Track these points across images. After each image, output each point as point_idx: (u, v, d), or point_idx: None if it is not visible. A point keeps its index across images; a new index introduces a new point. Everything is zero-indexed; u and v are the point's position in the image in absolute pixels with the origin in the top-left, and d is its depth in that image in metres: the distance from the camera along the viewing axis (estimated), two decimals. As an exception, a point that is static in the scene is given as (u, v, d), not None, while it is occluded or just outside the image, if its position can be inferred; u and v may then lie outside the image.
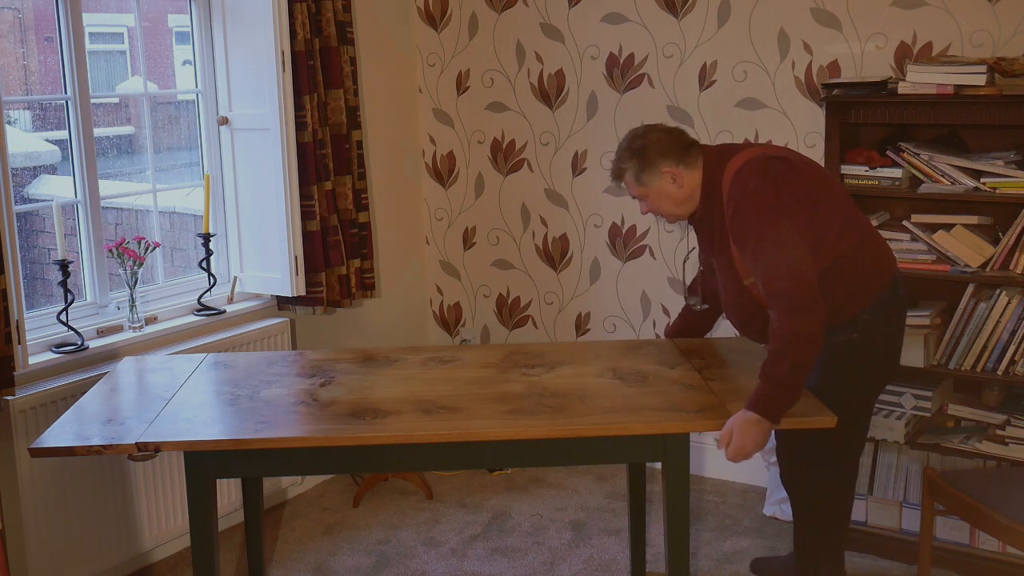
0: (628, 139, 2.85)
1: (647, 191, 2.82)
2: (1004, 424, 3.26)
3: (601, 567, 3.52)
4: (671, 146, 2.78)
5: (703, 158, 2.80)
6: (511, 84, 4.42)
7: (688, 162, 2.79)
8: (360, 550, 3.67)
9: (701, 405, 2.61)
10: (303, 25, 3.71)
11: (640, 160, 2.79)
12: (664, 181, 2.78)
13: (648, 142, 2.79)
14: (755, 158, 2.72)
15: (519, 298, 4.60)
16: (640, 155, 2.79)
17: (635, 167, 2.80)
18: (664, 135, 2.81)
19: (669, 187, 2.79)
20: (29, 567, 3.09)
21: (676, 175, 2.78)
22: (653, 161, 2.77)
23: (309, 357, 3.13)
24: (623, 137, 2.89)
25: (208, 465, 2.56)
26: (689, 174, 2.79)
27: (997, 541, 3.25)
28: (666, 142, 2.79)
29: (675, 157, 2.77)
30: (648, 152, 2.78)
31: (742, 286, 2.78)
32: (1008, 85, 3.05)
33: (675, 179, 2.78)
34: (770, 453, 3.84)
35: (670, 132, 2.83)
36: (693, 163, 2.79)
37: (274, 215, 3.78)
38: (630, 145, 2.82)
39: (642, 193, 2.84)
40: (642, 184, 2.81)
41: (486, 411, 2.60)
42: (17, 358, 2.99)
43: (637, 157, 2.79)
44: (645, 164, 2.78)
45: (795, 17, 3.77)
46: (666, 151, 2.77)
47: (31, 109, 3.65)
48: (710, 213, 2.81)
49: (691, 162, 2.79)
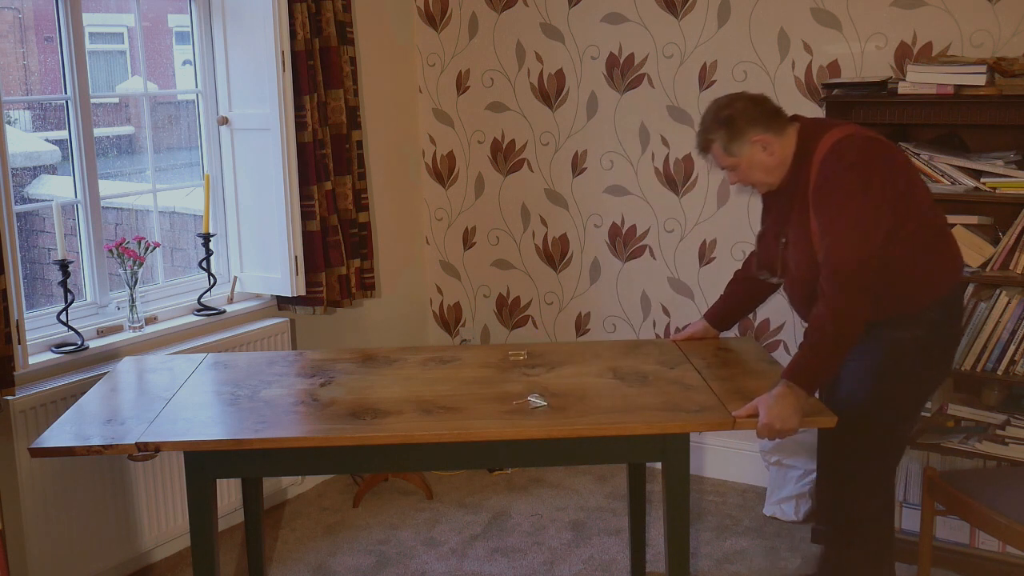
0: (713, 109, 2.77)
1: (737, 161, 2.74)
2: (1004, 424, 3.26)
3: (601, 567, 3.52)
4: (758, 114, 2.72)
5: (798, 126, 2.75)
6: (511, 84, 4.42)
7: (776, 128, 2.72)
8: (360, 550, 3.67)
9: (701, 405, 2.61)
10: (303, 25, 3.71)
11: (729, 130, 2.71)
12: (755, 150, 2.71)
13: (735, 111, 2.72)
14: (854, 135, 2.67)
15: (519, 298, 4.60)
16: (728, 124, 2.71)
17: (724, 137, 2.72)
18: (750, 103, 2.74)
19: (760, 155, 2.72)
20: (29, 567, 3.09)
21: (766, 142, 2.71)
22: (742, 130, 2.70)
23: (309, 357, 3.13)
24: (707, 108, 2.81)
25: (208, 465, 2.56)
26: (779, 141, 2.72)
27: (997, 541, 3.25)
28: (753, 110, 2.72)
29: (763, 124, 2.71)
30: (736, 121, 2.71)
31: (814, 263, 2.70)
32: (1008, 85, 3.05)
33: (765, 147, 2.71)
34: (771, 453, 3.85)
35: (755, 99, 2.76)
36: (781, 129, 2.73)
37: (274, 215, 3.78)
38: (716, 115, 2.74)
39: (732, 163, 2.76)
40: (731, 154, 2.73)
41: (486, 411, 2.60)
42: (17, 358, 2.99)
43: (725, 127, 2.71)
44: (734, 134, 2.71)
45: (795, 17, 3.77)
46: (754, 119, 2.71)
47: (31, 109, 3.65)
48: (796, 183, 2.74)
49: (779, 128, 2.73)
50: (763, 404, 2.53)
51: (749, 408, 2.54)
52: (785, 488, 3.83)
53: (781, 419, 2.51)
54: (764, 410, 2.52)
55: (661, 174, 4.15)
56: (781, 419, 2.51)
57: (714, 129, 2.74)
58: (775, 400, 2.53)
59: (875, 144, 2.68)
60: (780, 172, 2.76)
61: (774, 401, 2.52)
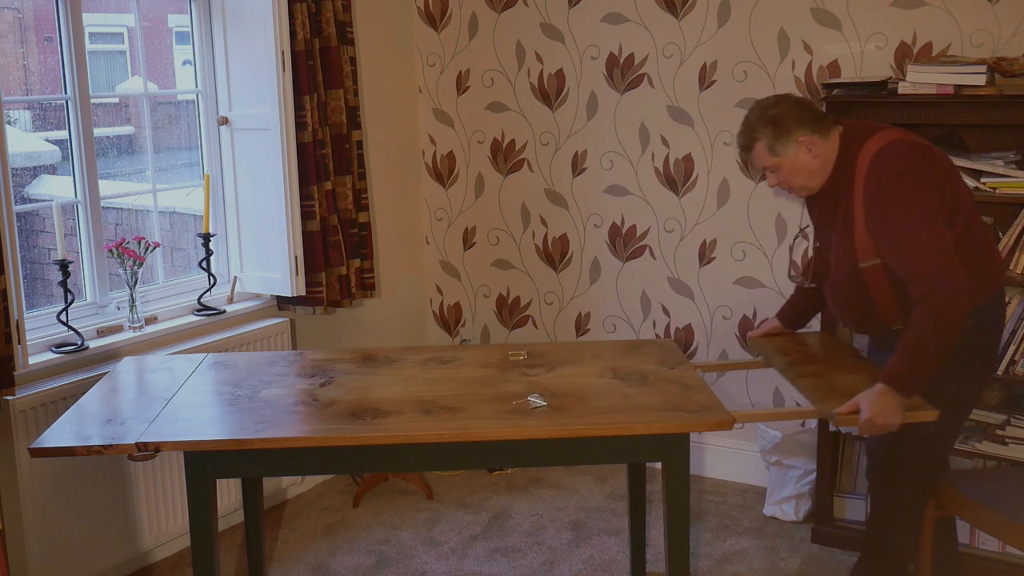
0: (760, 108, 2.75)
1: (781, 161, 2.73)
2: (1004, 424, 3.26)
3: (601, 567, 3.52)
4: (805, 115, 2.71)
5: (840, 131, 2.74)
6: (511, 84, 4.42)
7: (822, 132, 2.71)
8: (360, 550, 3.67)
9: (701, 405, 2.61)
10: (303, 25, 3.71)
11: (776, 128, 2.69)
12: (800, 151, 2.70)
13: (783, 111, 2.71)
14: (898, 141, 2.66)
15: (519, 298, 4.60)
16: (776, 123, 2.69)
17: (770, 136, 2.70)
18: (796, 104, 2.73)
19: (804, 157, 2.71)
20: (29, 567, 3.09)
21: (812, 144, 2.70)
22: (789, 130, 2.68)
23: (309, 357, 3.13)
24: (751, 108, 2.79)
25: (208, 465, 2.56)
26: (824, 144, 2.71)
27: (997, 541, 3.24)
28: (800, 111, 2.71)
29: (810, 126, 2.69)
30: (784, 120, 2.69)
31: (856, 268, 2.70)
32: (1008, 85, 3.05)
33: (810, 149, 2.70)
34: (771, 453, 3.85)
35: (801, 101, 2.76)
36: (826, 133, 2.72)
37: (274, 215, 3.78)
38: (763, 114, 2.72)
39: (775, 164, 2.74)
40: (776, 154, 2.72)
41: (486, 411, 2.60)
42: (17, 358, 2.99)
43: (772, 125, 2.69)
44: (781, 133, 2.69)
45: (795, 17, 3.77)
46: (801, 119, 2.69)
47: (31, 109, 3.65)
48: (838, 189, 2.73)
49: (825, 132, 2.71)
50: (864, 401, 2.51)
51: (850, 405, 2.52)
52: (785, 488, 3.83)
53: (883, 415, 2.49)
54: (866, 407, 2.50)
55: (661, 174, 4.15)
56: (883, 415, 2.49)
57: (760, 127, 2.71)
58: (876, 397, 2.50)
59: (921, 150, 2.66)
60: (822, 177, 2.75)
61: (876, 398, 2.50)
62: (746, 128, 2.76)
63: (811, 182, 2.76)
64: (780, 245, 3.95)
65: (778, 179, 2.78)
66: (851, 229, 2.70)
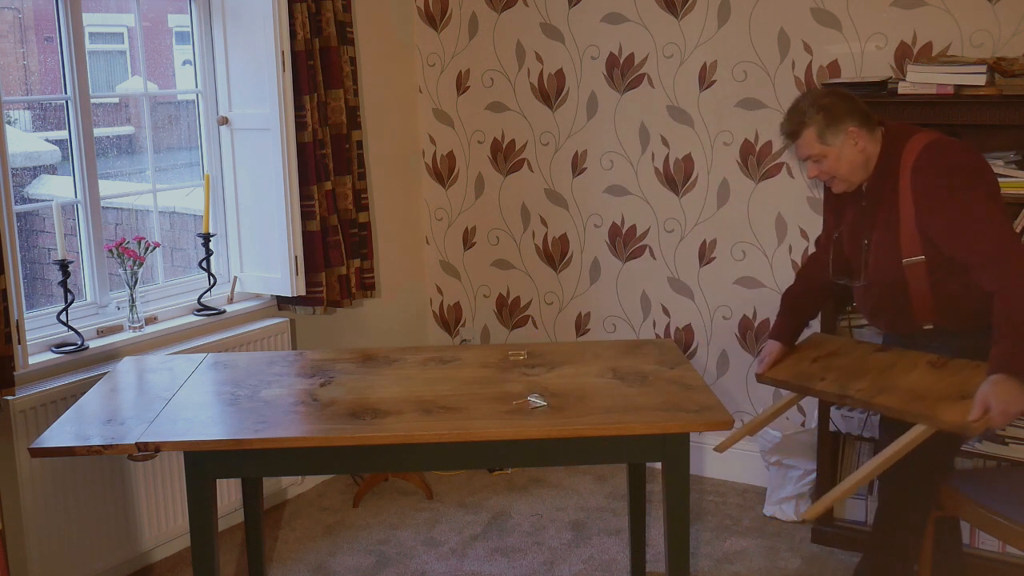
0: (811, 96, 2.75)
1: (828, 151, 2.72)
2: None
3: (601, 567, 3.52)
4: (855, 107, 2.71)
5: (883, 129, 2.75)
6: (511, 84, 4.42)
7: (869, 127, 2.72)
8: (360, 550, 3.67)
9: (701, 405, 2.61)
10: (303, 25, 3.71)
11: (827, 116, 2.69)
12: (848, 142, 2.70)
13: (834, 101, 2.71)
14: (942, 140, 2.67)
15: (519, 298, 4.60)
16: (828, 111, 2.69)
17: (821, 123, 2.69)
18: (846, 97, 2.74)
19: (851, 149, 2.71)
20: (29, 567, 3.09)
21: (859, 137, 2.70)
22: (840, 119, 2.69)
23: (309, 357, 3.13)
24: (800, 97, 2.79)
25: (208, 465, 2.56)
26: (869, 139, 2.72)
27: (997, 541, 3.24)
28: (850, 104, 2.72)
29: (859, 119, 2.71)
30: (836, 110, 2.69)
31: (899, 265, 2.70)
32: (1008, 85, 3.05)
33: (857, 141, 2.70)
34: (771, 453, 3.85)
35: (851, 96, 2.76)
36: (872, 130, 2.73)
37: (274, 215, 3.78)
38: (816, 102, 2.72)
39: (821, 153, 2.73)
40: (825, 143, 2.71)
41: (486, 411, 2.60)
42: (17, 358, 2.99)
43: (824, 113, 2.69)
44: (832, 121, 2.69)
45: (795, 17, 3.77)
46: (852, 111, 2.70)
47: (31, 109, 3.65)
48: (882, 186, 2.73)
49: (871, 128, 2.73)
50: (991, 397, 2.45)
51: (980, 406, 2.46)
52: (785, 488, 3.83)
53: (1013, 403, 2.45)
54: (993, 401, 2.45)
55: (661, 174, 4.15)
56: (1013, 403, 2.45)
57: (812, 114, 2.71)
58: (998, 388, 2.46)
59: (967, 147, 2.69)
60: (863, 173, 2.76)
61: (997, 389, 2.46)
62: (796, 114, 2.75)
63: (853, 176, 2.76)
64: (780, 245, 3.95)
65: (820, 169, 2.77)
66: (896, 226, 2.70)
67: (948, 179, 2.62)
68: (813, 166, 2.78)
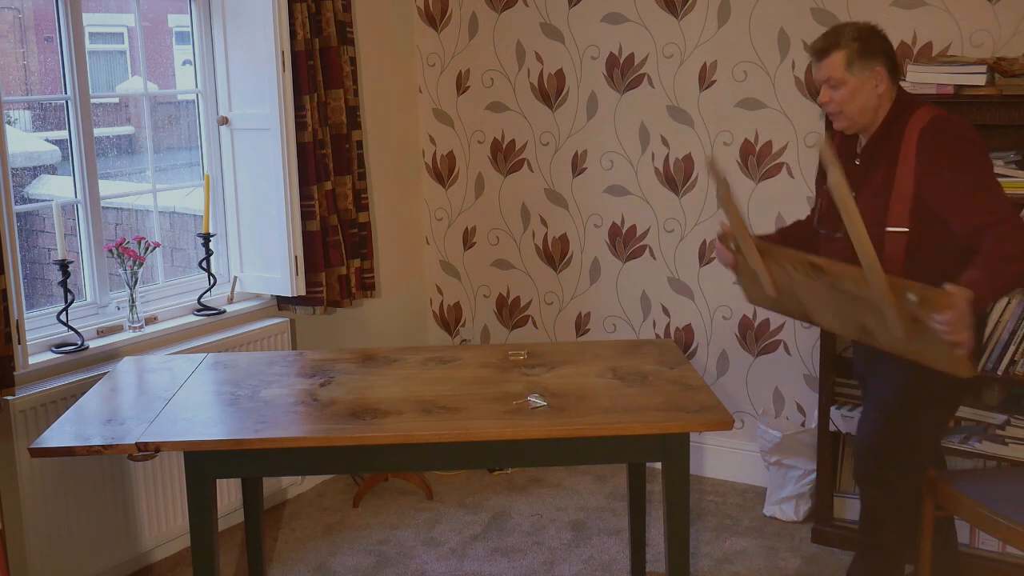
0: (854, 25, 2.72)
1: (849, 79, 2.68)
2: (1004, 424, 3.26)
3: (601, 567, 3.52)
4: (890, 53, 2.71)
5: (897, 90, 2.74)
6: (511, 84, 4.42)
7: (893, 77, 2.72)
8: (360, 550, 3.67)
9: (701, 405, 2.61)
10: (303, 25, 3.71)
11: (863, 46, 2.66)
12: (870, 80, 2.68)
13: (875, 36, 2.70)
14: (950, 115, 2.68)
15: (519, 298, 4.60)
16: (865, 42, 2.67)
17: (855, 50, 2.66)
18: (886, 39, 2.73)
19: (870, 88, 2.69)
20: (29, 567, 3.09)
21: (881, 80, 2.69)
22: (874, 54, 2.67)
23: (309, 357, 3.13)
24: (844, 23, 2.76)
25: (208, 465, 2.56)
26: (889, 88, 2.71)
27: (997, 541, 3.24)
28: (888, 47, 2.71)
29: (890, 64, 2.70)
30: (873, 44, 2.68)
31: (882, 232, 2.67)
32: (1008, 85, 3.05)
33: (878, 84, 2.69)
34: (771, 453, 3.85)
35: (889, 41, 2.74)
36: (895, 82, 2.73)
37: (274, 215, 3.78)
38: (858, 31, 2.69)
39: (842, 79, 2.69)
40: (850, 71, 2.67)
41: (486, 411, 2.60)
42: (17, 358, 2.99)
43: (861, 42, 2.67)
44: (865, 52, 2.66)
45: (795, 17, 3.77)
46: (887, 53, 2.70)
47: (31, 109, 3.65)
48: (880, 148, 2.73)
49: (895, 80, 2.72)
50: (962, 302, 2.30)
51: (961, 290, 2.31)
52: (785, 488, 3.83)
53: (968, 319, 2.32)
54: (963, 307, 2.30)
55: (661, 174, 4.15)
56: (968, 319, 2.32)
57: (850, 39, 2.68)
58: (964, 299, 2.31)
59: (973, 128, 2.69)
60: (868, 118, 2.73)
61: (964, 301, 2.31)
62: (833, 33, 2.72)
63: (860, 117, 2.74)
64: (780, 245, 3.95)
65: (832, 97, 2.74)
66: (888, 192, 2.69)
67: (958, 143, 2.61)
68: (827, 91, 2.75)
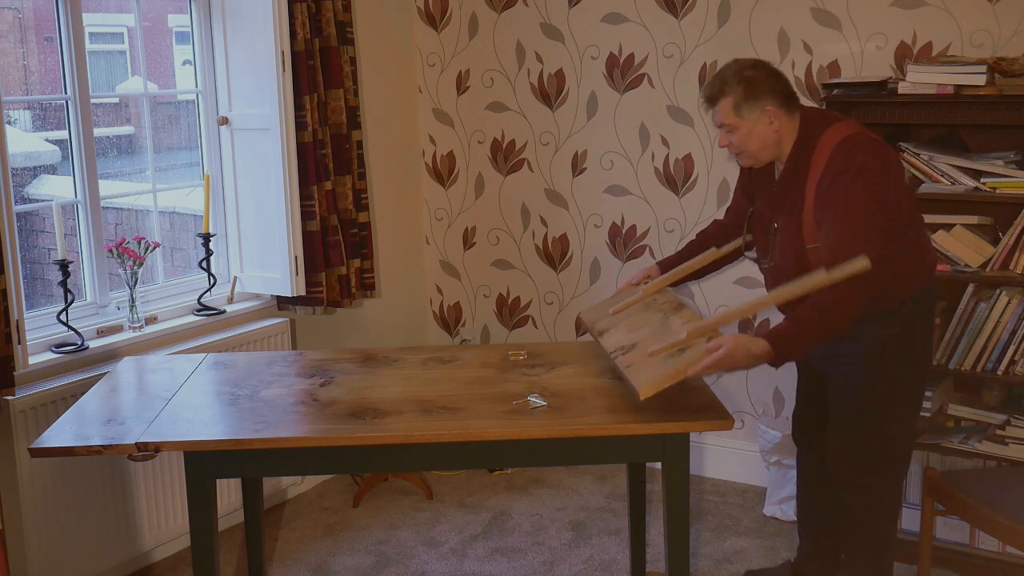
0: (736, 67, 2.73)
1: (741, 124, 2.71)
2: (1004, 424, 3.26)
3: (601, 567, 3.52)
4: (778, 86, 2.71)
5: (801, 114, 2.75)
6: (511, 84, 4.42)
7: (789, 109, 2.72)
8: (360, 550, 3.67)
9: (701, 405, 2.61)
10: (303, 25, 3.71)
11: (748, 89, 2.68)
12: (762, 119, 2.70)
13: (759, 75, 2.70)
14: (859, 135, 2.68)
15: (519, 298, 4.60)
16: (749, 84, 2.68)
17: (740, 95, 2.68)
18: (773, 75, 2.73)
19: (764, 127, 2.71)
20: (29, 567, 3.09)
21: (775, 117, 2.70)
22: (760, 95, 2.68)
23: (309, 357, 3.13)
24: (727, 64, 2.77)
25: (208, 465, 2.56)
26: (787, 121, 2.72)
27: (997, 541, 3.24)
28: (774, 82, 2.71)
29: (780, 99, 2.70)
30: (757, 85, 2.68)
31: (803, 250, 2.72)
32: (1008, 85, 3.05)
33: (772, 120, 2.70)
34: (771, 453, 3.85)
35: (778, 74, 2.75)
36: (792, 113, 2.73)
37: (274, 215, 3.78)
38: (739, 72, 2.70)
39: (734, 124, 2.72)
40: (739, 116, 2.70)
41: (486, 411, 2.60)
42: (17, 358, 2.99)
43: (746, 85, 2.68)
44: (751, 95, 2.68)
45: (795, 17, 3.77)
46: (774, 90, 2.69)
47: (31, 109, 3.65)
48: (794, 173, 2.74)
49: (791, 110, 2.72)
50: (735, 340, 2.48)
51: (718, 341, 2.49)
52: (785, 488, 3.82)
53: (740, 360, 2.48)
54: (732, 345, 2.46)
55: (661, 174, 4.15)
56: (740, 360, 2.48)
57: (733, 84, 2.69)
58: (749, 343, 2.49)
59: (880, 147, 2.70)
60: (773, 152, 2.77)
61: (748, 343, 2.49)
62: (718, 81, 2.74)
63: (762, 153, 2.77)
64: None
65: (730, 141, 2.77)
66: (800, 213, 2.72)
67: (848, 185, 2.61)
68: (724, 136, 2.78)
